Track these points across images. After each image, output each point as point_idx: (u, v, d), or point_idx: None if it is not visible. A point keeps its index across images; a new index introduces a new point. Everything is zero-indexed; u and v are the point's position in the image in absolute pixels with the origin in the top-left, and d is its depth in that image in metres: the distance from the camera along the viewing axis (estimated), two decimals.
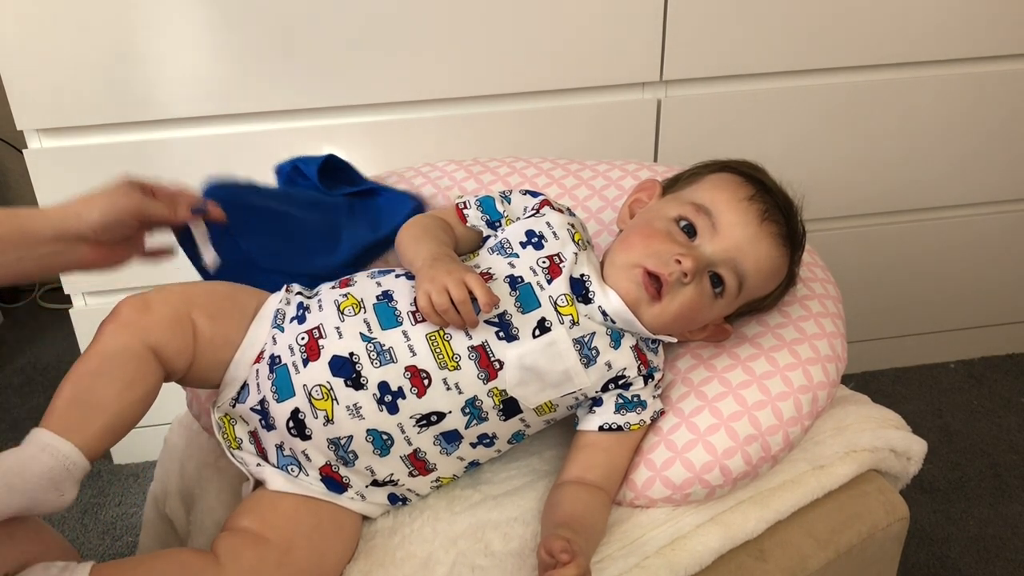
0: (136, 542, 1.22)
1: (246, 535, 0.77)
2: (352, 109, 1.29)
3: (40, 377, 1.72)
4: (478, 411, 0.81)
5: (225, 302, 0.85)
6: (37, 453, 0.70)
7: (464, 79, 1.28)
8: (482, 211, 0.94)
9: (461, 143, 1.32)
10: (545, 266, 0.85)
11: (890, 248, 1.57)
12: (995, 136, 1.49)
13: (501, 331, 0.81)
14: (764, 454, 0.84)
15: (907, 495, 0.95)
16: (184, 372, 0.82)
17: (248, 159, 1.30)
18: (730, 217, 0.85)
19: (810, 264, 1.00)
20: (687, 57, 1.32)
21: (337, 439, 0.79)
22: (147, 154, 1.27)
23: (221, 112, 1.26)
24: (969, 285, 1.65)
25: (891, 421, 0.95)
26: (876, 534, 0.89)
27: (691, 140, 1.38)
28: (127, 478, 1.49)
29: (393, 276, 0.86)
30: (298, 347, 0.81)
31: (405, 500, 0.86)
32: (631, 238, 0.87)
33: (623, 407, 0.85)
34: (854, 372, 1.70)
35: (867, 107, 1.42)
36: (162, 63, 1.21)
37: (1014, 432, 1.55)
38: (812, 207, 0.96)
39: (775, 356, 0.88)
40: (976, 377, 1.69)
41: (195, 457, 0.96)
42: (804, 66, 1.37)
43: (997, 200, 1.57)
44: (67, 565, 0.69)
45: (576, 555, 0.70)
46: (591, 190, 1.10)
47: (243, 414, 0.83)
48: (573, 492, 0.82)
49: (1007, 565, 1.30)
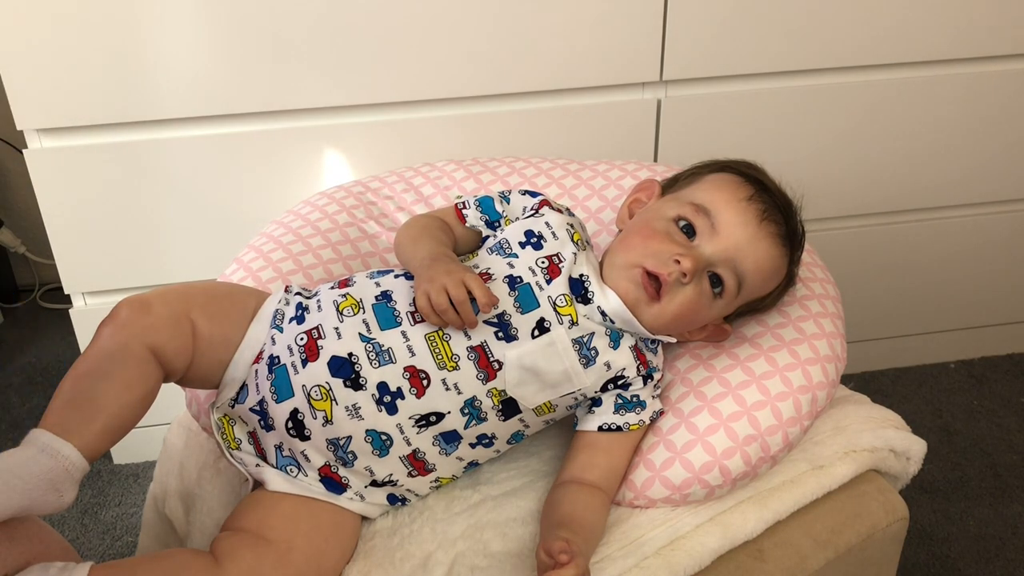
0: (136, 542, 1.22)
1: (245, 535, 0.77)
2: (352, 109, 1.29)
3: (40, 377, 1.72)
4: (477, 411, 0.81)
5: (224, 302, 0.85)
6: (36, 454, 0.70)
7: (464, 79, 1.28)
8: (481, 211, 0.94)
9: (461, 143, 1.32)
10: (544, 266, 0.85)
11: (890, 248, 1.57)
12: (995, 136, 1.49)
13: (500, 331, 0.81)
14: (763, 454, 0.84)
15: (907, 495, 0.95)
16: (183, 372, 0.82)
17: (248, 159, 1.30)
18: (729, 217, 0.85)
19: (810, 264, 1.00)
20: (687, 57, 1.32)
21: (336, 439, 0.79)
22: (147, 154, 1.27)
23: (221, 112, 1.25)
24: (969, 285, 1.65)
25: (891, 421, 0.95)
26: (876, 534, 0.89)
27: (691, 140, 1.38)
28: (127, 478, 1.49)
29: (392, 276, 0.86)
30: (297, 347, 0.81)
31: (404, 500, 0.86)
32: (630, 238, 0.87)
33: (622, 407, 0.85)
34: (854, 372, 1.70)
35: (867, 107, 1.42)
36: (162, 63, 1.21)
37: (1014, 432, 1.55)
38: (812, 207, 0.96)
39: (774, 356, 0.88)
40: (976, 377, 1.69)
41: (194, 457, 0.96)
42: (804, 66, 1.37)
43: (997, 200, 1.57)
44: (66, 565, 0.69)
45: (575, 555, 0.70)
46: (590, 190, 1.10)
47: (242, 414, 0.83)
48: (572, 492, 0.82)
49: (1007, 565, 1.30)
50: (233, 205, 1.32)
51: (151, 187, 1.29)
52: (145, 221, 1.32)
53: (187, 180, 1.30)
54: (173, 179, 1.29)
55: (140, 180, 1.29)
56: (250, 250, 1.05)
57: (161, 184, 1.29)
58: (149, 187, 1.29)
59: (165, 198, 1.30)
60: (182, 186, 1.30)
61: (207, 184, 1.30)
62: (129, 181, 1.28)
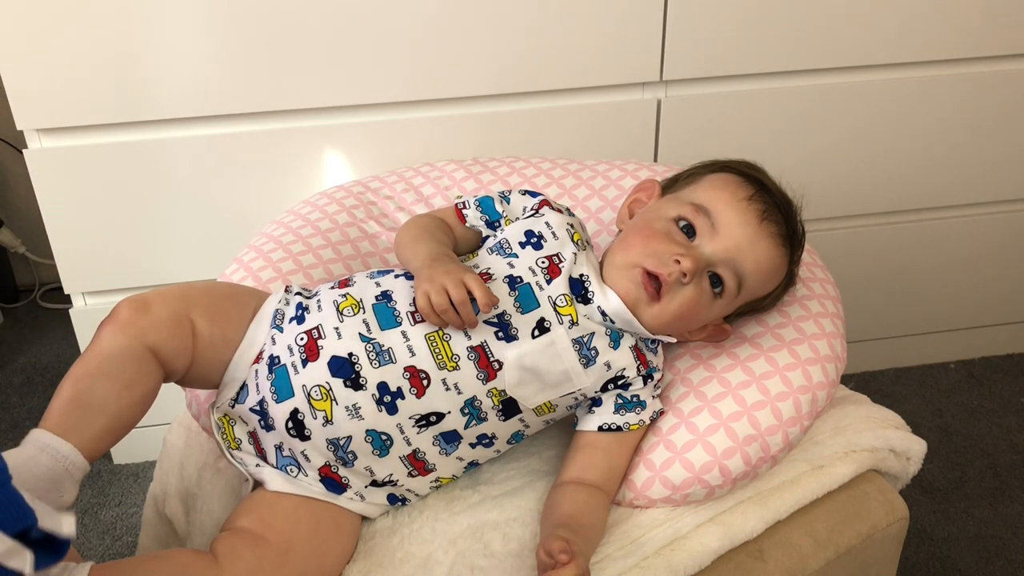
0: (136, 542, 1.22)
1: (245, 535, 0.77)
2: (351, 109, 1.29)
3: (40, 377, 1.72)
4: (477, 411, 0.81)
5: (224, 302, 0.85)
6: (36, 454, 0.70)
7: (464, 79, 1.28)
8: (481, 211, 0.94)
9: (461, 143, 1.32)
10: (544, 266, 0.85)
11: (890, 248, 1.57)
12: (995, 136, 1.49)
13: (500, 331, 0.81)
14: (763, 454, 0.84)
15: (907, 495, 0.95)
16: (183, 373, 0.82)
17: (248, 159, 1.30)
18: (729, 217, 0.85)
19: (810, 264, 1.00)
20: (687, 57, 1.32)
21: (336, 439, 0.79)
22: (147, 154, 1.27)
23: (221, 112, 1.25)
24: (969, 285, 1.65)
25: (891, 421, 0.95)
26: (876, 534, 0.89)
27: (691, 140, 1.38)
28: (127, 478, 1.49)
29: (392, 276, 0.86)
30: (297, 347, 0.81)
31: (404, 500, 0.86)
32: (630, 238, 0.87)
33: (622, 407, 0.85)
34: (854, 372, 1.70)
35: (867, 107, 1.42)
36: (162, 63, 1.21)
37: (1014, 432, 1.55)
38: (812, 207, 0.96)
39: (774, 356, 0.88)
40: (976, 377, 1.69)
41: (194, 457, 0.96)
42: (804, 66, 1.37)
43: (997, 200, 1.57)
44: (67, 565, 0.69)
45: (575, 555, 0.70)
46: (590, 190, 1.10)
47: (242, 414, 0.83)
48: (572, 492, 0.82)
49: (1007, 565, 1.30)
50: (233, 205, 1.32)
51: (151, 187, 1.29)
52: (145, 221, 1.32)
53: (187, 180, 1.30)
54: (173, 179, 1.29)
55: (140, 180, 1.28)
56: (250, 250, 1.05)
57: (161, 184, 1.29)
58: (149, 187, 1.29)
59: (165, 198, 1.30)
60: (182, 186, 1.30)
61: (207, 184, 1.30)
62: (129, 181, 1.28)
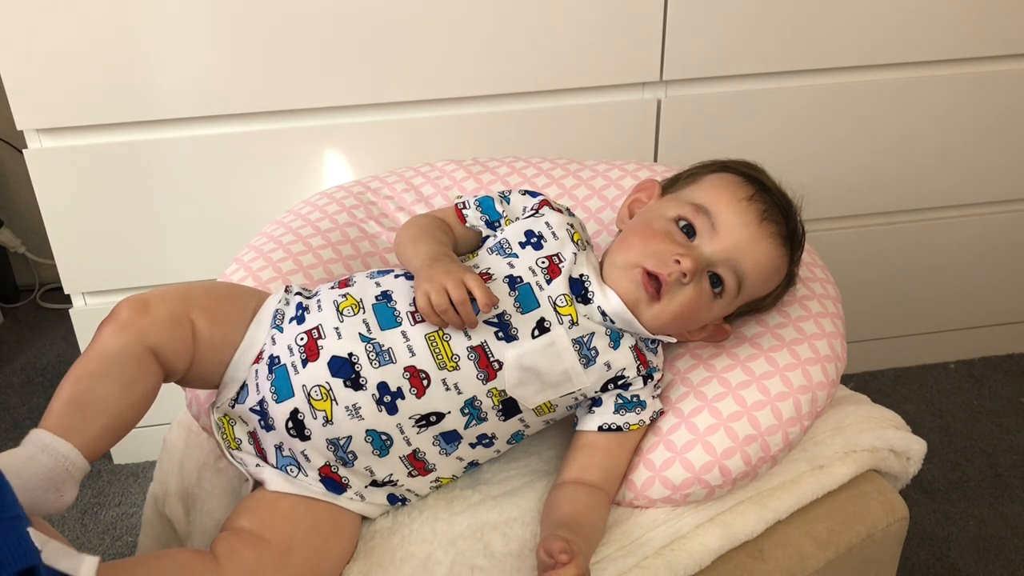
0: (136, 542, 1.21)
1: (245, 535, 0.77)
2: (352, 109, 1.29)
3: (40, 377, 1.72)
4: (477, 411, 0.81)
5: (224, 302, 0.85)
6: (36, 454, 0.70)
7: (464, 79, 1.28)
8: (481, 211, 0.94)
9: (461, 143, 1.32)
10: (544, 266, 0.85)
11: (890, 248, 1.57)
12: (995, 136, 1.49)
13: (500, 331, 0.81)
14: (763, 454, 0.84)
15: (907, 495, 0.95)
16: (183, 372, 0.82)
17: (248, 159, 1.30)
18: (729, 217, 0.85)
19: (810, 264, 1.00)
20: (687, 57, 1.32)
21: (336, 439, 0.79)
22: (147, 154, 1.27)
23: (221, 112, 1.25)
24: (969, 285, 1.65)
25: (891, 421, 0.95)
26: (876, 534, 0.89)
27: (691, 140, 1.38)
28: (127, 478, 1.49)
29: (392, 276, 0.86)
30: (297, 347, 0.81)
31: (404, 500, 0.86)
32: (630, 238, 0.87)
33: (622, 407, 0.85)
34: (854, 372, 1.70)
35: (868, 107, 1.42)
36: (162, 63, 1.21)
37: (1014, 432, 1.55)
38: (812, 207, 0.96)
39: (774, 356, 0.88)
40: (976, 377, 1.69)
41: (194, 457, 0.96)
42: (804, 66, 1.37)
43: (997, 200, 1.57)
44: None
45: (575, 555, 0.70)
46: (591, 190, 1.10)
47: (242, 414, 0.83)
48: (572, 492, 0.82)
49: (1007, 565, 1.30)
50: (233, 205, 1.32)
51: (151, 187, 1.29)
52: (145, 221, 1.32)
53: (187, 180, 1.30)
54: (173, 179, 1.29)
55: (140, 180, 1.28)
56: (250, 250, 1.05)
57: (161, 184, 1.29)
58: (149, 187, 1.29)
59: (165, 198, 1.30)
60: (182, 186, 1.30)
61: (207, 184, 1.30)
62: (129, 181, 1.28)
